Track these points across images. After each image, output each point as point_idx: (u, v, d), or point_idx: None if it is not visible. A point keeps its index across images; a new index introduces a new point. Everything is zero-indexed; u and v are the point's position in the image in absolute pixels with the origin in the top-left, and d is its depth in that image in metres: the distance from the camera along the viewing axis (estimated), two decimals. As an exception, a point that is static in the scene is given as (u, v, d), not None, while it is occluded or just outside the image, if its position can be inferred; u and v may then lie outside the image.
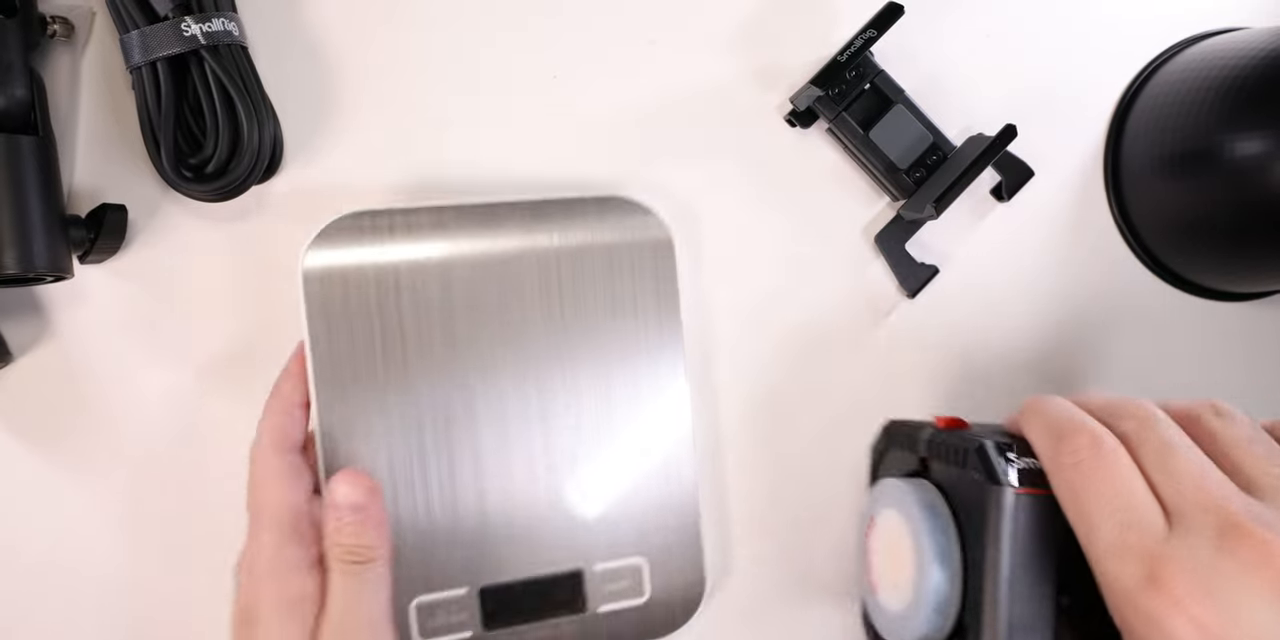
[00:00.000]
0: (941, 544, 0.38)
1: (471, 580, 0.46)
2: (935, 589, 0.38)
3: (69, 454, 0.48)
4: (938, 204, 0.48)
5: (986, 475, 0.37)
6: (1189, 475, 0.34)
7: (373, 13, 0.49)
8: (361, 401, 0.44)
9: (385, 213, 0.45)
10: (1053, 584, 0.36)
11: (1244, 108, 0.48)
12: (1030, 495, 0.36)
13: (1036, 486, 0.36)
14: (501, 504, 0.46)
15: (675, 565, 0.48)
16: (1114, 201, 0.53)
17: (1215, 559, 0.31)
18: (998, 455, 0.37)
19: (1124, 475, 0.34)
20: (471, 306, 0.45)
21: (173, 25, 0.43)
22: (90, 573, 0.48)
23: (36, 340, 0.47)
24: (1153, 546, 0.33)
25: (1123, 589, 0.33)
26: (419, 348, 0.45)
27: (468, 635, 0.46)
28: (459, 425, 0.45)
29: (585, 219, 0.46)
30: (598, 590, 0.47)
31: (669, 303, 0.47)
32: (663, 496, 0.47)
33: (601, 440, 0.47)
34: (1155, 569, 0.32)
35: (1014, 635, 0.36)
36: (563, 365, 0.46)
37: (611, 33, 0.50)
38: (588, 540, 0.47)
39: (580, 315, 0.46)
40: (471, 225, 0.45)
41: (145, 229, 0.48)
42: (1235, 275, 0.53)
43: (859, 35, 0.48)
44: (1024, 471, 0.36)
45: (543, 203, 0.46)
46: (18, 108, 0.43)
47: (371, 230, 0.45)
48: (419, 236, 0.45)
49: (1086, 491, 0.34)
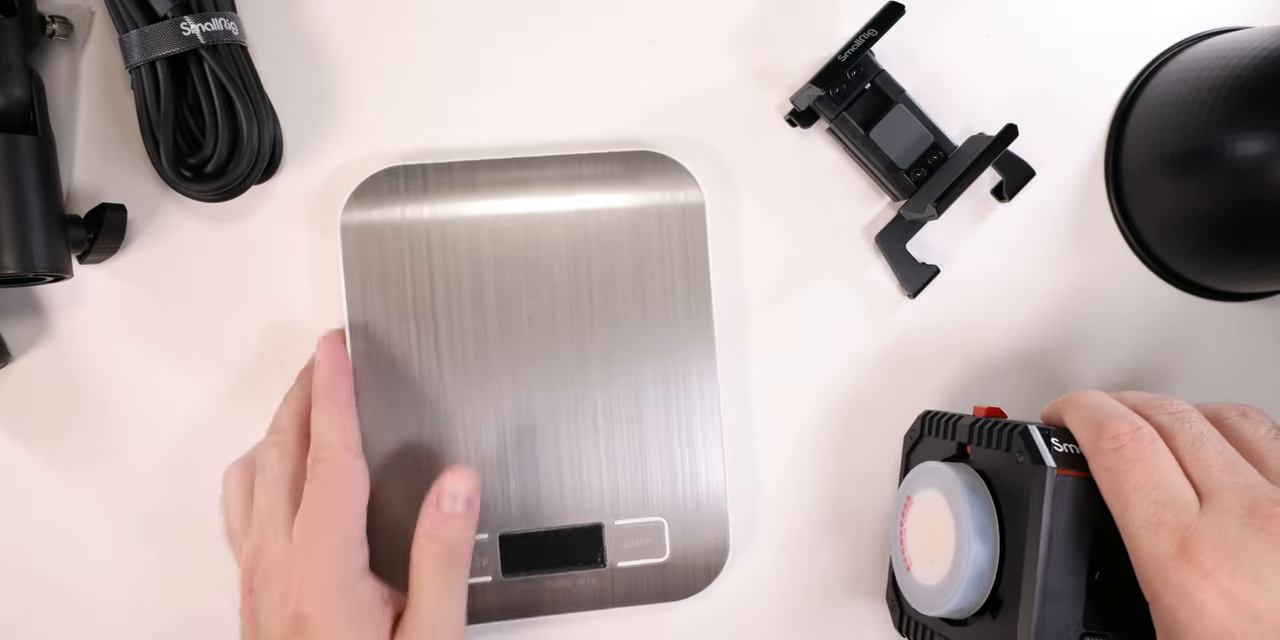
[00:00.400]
0: (983, 521, 0.41)
1: (493, 527, 0.47)
2: (975, 562, 0.41)
3: (68, 453, 0.48)
4: (938, 204, 0.48)
5: (1030, 456, 0.40)
6: (1220, 462, 0.37)
7: (372, 12, 0.49)
8: (394, 354, 0.46)
9: (419, 168, 0.46)
10: (1086, 560, 0.39)
11: (1245, 107, 0.47)
12: (1069, 476, 0.39)
13: (1074, 469, 0.39)
14: (527, 456, 0.47)
15: (698, 529, 0.48)
16: (1115, 201, 0.53)
17: (1244, 535, 0.34)
18: (1042, 439, 0.40)
19: (1160, 459, 0.37)
20: (500, 261, 0.46)
21: (172, 25, 0.43)
22: (90, 572, 0.48)
23: (36, 340, 0.47)
24: (1185, 523, 0.35)
25: (1155, 562, 0.35)
26: (449, 302, 0.46)
27: (487, 580, 0.47)
28: (487, 377, 0.46)
29: (615, 173, 0.48)
30: (617, 545, 0.48)
31: (699, 258, 0.48)
32: (690, 458, 0.48)
33: (629, 400, 0.47)
34: (1187, 543, 0.35)
35: (1047, 605, 0.38)
36: (593, 322, 0.47)
37: (611, 33, 0.50)
38: (611, 497, 0.47)
39: (609, 271, 0.47)
40: (503, 179, 0.47)
41: (144, 229, 0.48)
42: (1236, 275, 0.53)
43: (860, 35, 0.48)
44: (1062, 455, 0.39)
45: (575, 157, 0.47)
46: (17, 107, 0.43)
47: (406, 185, 0.46)
48: (452, 190, 0.46)
49: (1125, 473, 0.37)
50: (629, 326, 0.47)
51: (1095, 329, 0.53)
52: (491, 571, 0.47)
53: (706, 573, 0.49)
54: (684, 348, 0.48)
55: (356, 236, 0.46)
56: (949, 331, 0.52)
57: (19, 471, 0.47)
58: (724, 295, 0.50)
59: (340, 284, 0.46)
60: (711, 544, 0.48)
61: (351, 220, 0.46)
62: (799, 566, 0.52)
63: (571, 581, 0.48)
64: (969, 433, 0.44)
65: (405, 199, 0.46)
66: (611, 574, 0.48)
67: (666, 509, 0.48)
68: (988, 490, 0.42)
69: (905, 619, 0.48)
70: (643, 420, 0.48)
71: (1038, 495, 0.39)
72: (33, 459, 0.47)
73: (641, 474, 0.48)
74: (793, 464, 0.52)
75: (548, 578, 0.47)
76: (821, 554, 0.52)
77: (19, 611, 0.47)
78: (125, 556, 0.48)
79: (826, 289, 0.51)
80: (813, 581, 0.52)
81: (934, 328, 0.52)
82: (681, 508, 0.48)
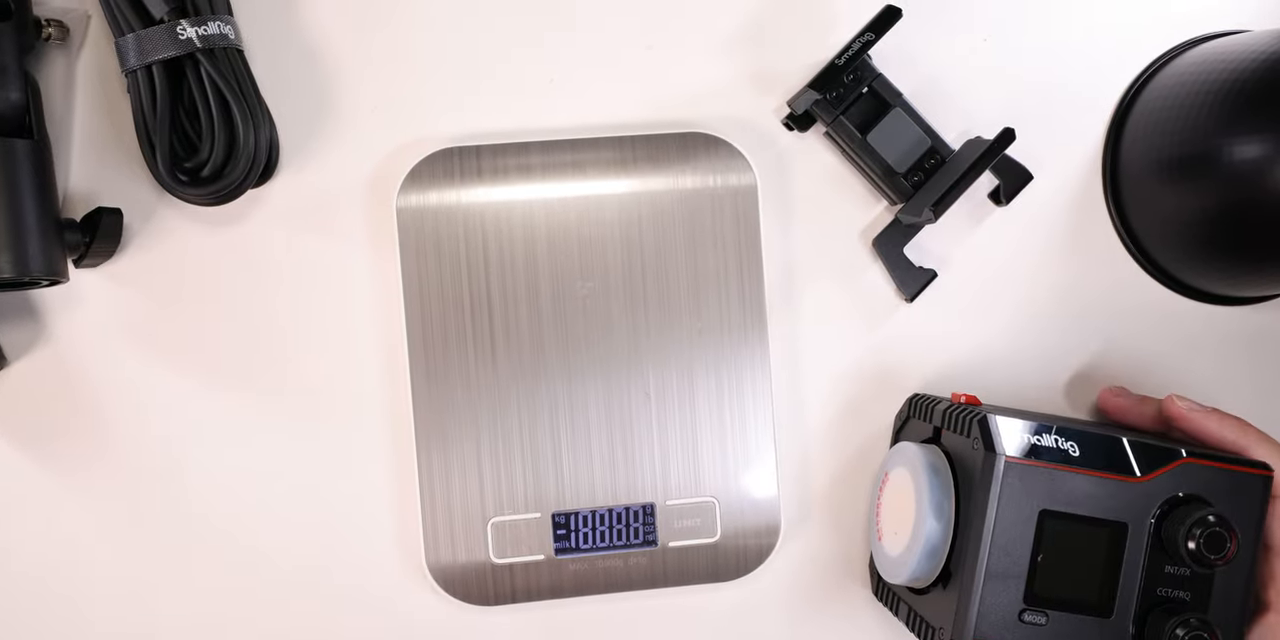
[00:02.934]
0: (939, 499, 0.44)
1: (546, 506, 0.47)
2: (929, 537, 0.44)
3: (64, 456, 0.48)
4: (936, 208, 0.48)
5: (985, 443, 0.42)
6: None
7: (368, 16, 0.49)
8: (449, 334, 0.47)
9: (473, 149, 0.47)
10: (1031, 543, 0.42)
11: (1243, 111, 0.47)
12: (1021, 465, 0.42)
13: (1040, 460, 0.42)
14: (580, 436, 0.47)
15: (750, 509, 0.49)
16: (1112, 205, 0.53)
17: None
18: (998, 428, 0.42)
19: None
20: (553, 242, 0.47)
21: (168, 28, 0.43)
22: (86, 575, 0.48)
23: (32, 344, 0.47)
24: None
25: None
26: (504, 283, 0.47)
27: (540, 558, 0.48)
28: (541, 359, 0.47)
29: (668, 155, 0.48)
30: (668, 525, 0.48)
31: (751, 239, 0.48)
32: (741, 439, 0.48)
33: (681, 380, 0.48)
34: None
35: (990, 582, 0.41)
36: (646, 304, 0.48)
37: (609, 37, 0.50)
38: (663, 477, 0.48)
39: (661, 253, 0.48)
40: (556, 161, 0.48)
41: (140, 233, 0.47)
42: (1233, 279, 0.52)
43: (857, 38, 0.48)
44: (1040, 448, 0.42)
45: (629, 139, 0.48)
46: (12, 111, 0.43)
47: (460, 167, 0.47)
48: (506, 173, 0.47)
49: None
50: (682, 308, 0.48)
51: (1092, 332, 0.53)
52: (544, 550, 0.48)
53: (758, 554, 0.49)
54: (736, 329, 0.48)
55: (412, 218, 0.47)
56: (946, 336, 0.52)
57: (14, 474, 0.47)
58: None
59: (396, 263, 0.47)
60: (763, 525, 0.49)
61: (406, 203, 0.47)
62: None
63: (623, 561, 0.48)
64: (942, 417, 0.46)
65: (460, 181, 0.47)
66: (663, 554, 0.48)
67: (718, 489, 0.48)
68: (950, 471, 0.45)
69: (879, 585, 0.51)
70: (694, 401, 0.48)
71: (985, 479, 0.42)
72: (28, 461, 0.47)
73: (693, 454, 0.48)
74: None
75: (599, 557, 0.48)
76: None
77: (16, 613, 0.47)
78: (121, 558, 0.48)
79: (824, 292, 0.51)
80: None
81: (931, 332, 0.52)
82: (733, 488, 0.48)
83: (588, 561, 0.48)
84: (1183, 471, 0.43)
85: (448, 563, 0.47)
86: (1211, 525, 0.41)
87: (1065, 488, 0.42)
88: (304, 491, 0.48)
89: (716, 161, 0.49)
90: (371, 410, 0.49)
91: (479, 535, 0.47)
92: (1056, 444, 0.42)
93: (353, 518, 0.49)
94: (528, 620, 0.50)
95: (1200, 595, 0.43)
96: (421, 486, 0.47)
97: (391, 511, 0.49)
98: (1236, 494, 0.43)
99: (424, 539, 0.47)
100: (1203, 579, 0.43)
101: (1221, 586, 0.43)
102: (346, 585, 0.49)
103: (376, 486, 0.49)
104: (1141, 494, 0.43)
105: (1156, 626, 0.42)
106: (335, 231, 0.48)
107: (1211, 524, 0.41)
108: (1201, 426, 0.46)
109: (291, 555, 0.48)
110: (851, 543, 0.52)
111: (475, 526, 0.47)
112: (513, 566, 0.48)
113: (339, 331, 0.48)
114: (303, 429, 0.48)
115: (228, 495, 0.48)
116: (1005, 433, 0.42)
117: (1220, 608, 0.43)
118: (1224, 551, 0.41)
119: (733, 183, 0.49)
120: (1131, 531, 0.42)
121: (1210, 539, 0.41)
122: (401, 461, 0.49)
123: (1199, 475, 0.43)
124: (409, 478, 0.48)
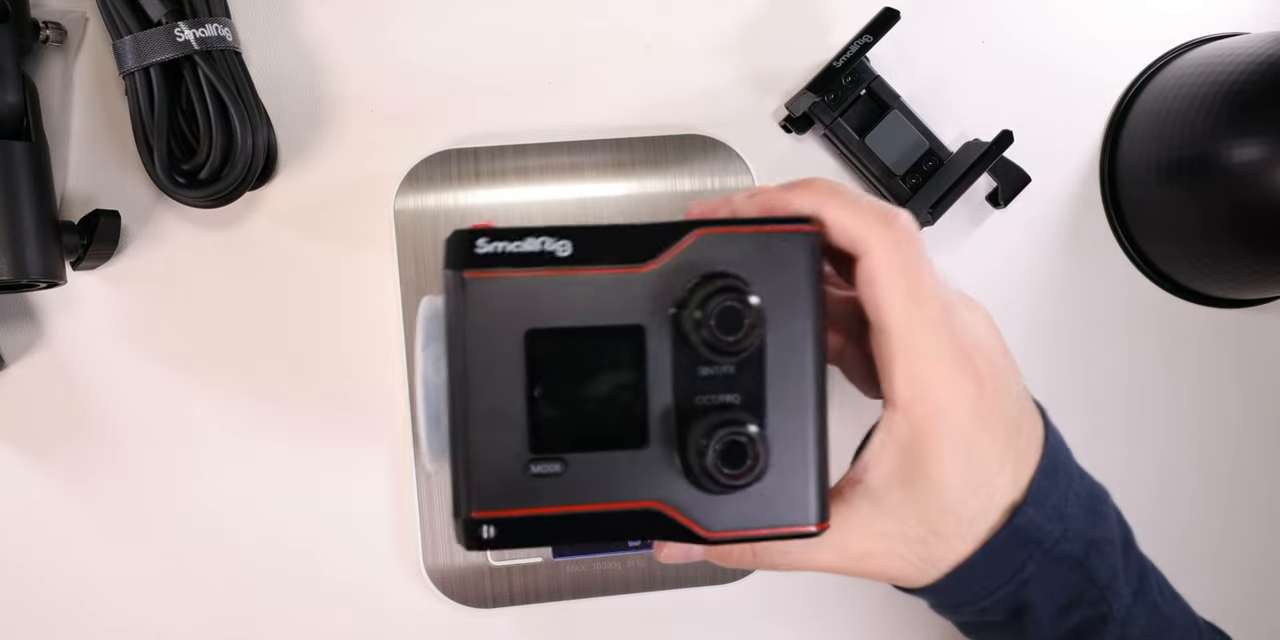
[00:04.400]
0: (437, 353, 0.34)
1: None
2: (426, 397, 0.34)
3: (62, 459, 0.47)
4: (933, 210, 0.48)
5: (445, 262, 0.33)
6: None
7: (366, 19, 0.49)
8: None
9: (470, 151, 0.47)
10: (522, 377, 0.32)
11: (1241, 113, 0.47)
12: (488, 279, 0.32)
13: (514, 268, 0.32)
14: None
15: None
16: (1110, 207, 0.53)
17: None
18: (463, 240, 0.32)
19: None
20: None
21: (166, 30, 0.43)
22: (84, 577, 0.48)
23: (29, 347, 0.47)
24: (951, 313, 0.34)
25: (938, 359, 0.34)
26: None
27: (537, 560, 0.48)
28: None
29: (666, 157, 0.48)
30: None
31: None
32: None
33: None
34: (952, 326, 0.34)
35: (478, 436, 0.32)
36: None
37: (607, 39, 0.50)
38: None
39: None
40: (554, 163, 0.48)
41: (138, 235, 0.47)
42: (1231, 281, 0.52)
43: (855, 40, 0.48)
44: (511, 256, 0.33)
45: (627, 141, 0.48)
46: (10, 113, 0.43)
47: (458, 169, 0.47)
48: (504, 175, 0.47)
49: (922, 269, 0.34)
50: None
51: (1090, 334, 0.53)
52: (541, 553, 0.48)
53: None
54: None
55: (409, 220, 0.47)
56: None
57: (13, 477, 0.47)
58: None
59: (394, 265, 0.47)
60: None
61: (404, 205, 0.47)
62: None
63: (621, 563, 0.48)
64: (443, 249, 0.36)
65: (457, 183, 0.47)
66: None
67: None
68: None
69: None
70: None
71: (450, 307, 0.32)
72: (26, 464, 0.47)
73: None
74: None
75: (597, 559, 0.48)
76: None
77: (15, 617, 0.47)
78: (121, 561, 0.48)
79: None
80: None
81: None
82: None
83: (585, 564, 0.48)
84: (701, 247, 0.33)
85: (445, 565, 0.47)
86: (720, 299, 0.31)
87: (557, 297, 0.32)
88: (302, 493, 0.48)
89: (715, 164, 0.49)
90: (369, 412, 0.49)
91: (476, 536, 0.47)
92: (542, 246, 0.32)
93: (350, 519, 0.49)
94: (525, 622, 0.50)
95: (753, 395, 0.33)
96: (419, 488, 0.47)
97: (389, 513, 0.49)
98: (776, 262, 0.33)
99: (421, 541, 0.47)
100: (749, 373, 0.33)
101: (778, 379, 0.33)
102: (344, 587, 0.49)
103: (374, 488, 0.49)
104: (655, 285, 0.33)
105: (697, 444, 0.32)
106: (333, 233, 0.48)
107: (720, 299, 0.31)
108: (773, 204, 0.35)
109: (289, 557, 0.48)
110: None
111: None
112: (510, 569, 0.48)
113: (337, 333, 0.48)
114: (300, 431, 0.48)
115: (225, 497, 0.48)
116: (473, 245, 0.32)
117: (779, 404, 0.33)
118: (740, 329, 0.31)
119: (731, 185, 0.48)
120: (651, 333, 0.33)
121: (723, 316, 0.31)
122: (399, 464, 0.48)
123: (722, 248, 0.33)
124: (406, 480, 0.48)
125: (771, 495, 0.33)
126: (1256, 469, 0.54)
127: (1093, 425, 0.53)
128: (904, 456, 0.35)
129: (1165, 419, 0.54)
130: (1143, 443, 0.54)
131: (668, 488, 0.33)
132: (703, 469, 0.32)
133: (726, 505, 0.33)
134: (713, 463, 0.32)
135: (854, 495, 0.35)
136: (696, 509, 0.33)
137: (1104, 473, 0.43)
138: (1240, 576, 0.54)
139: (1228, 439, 0.54)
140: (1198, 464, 0.54)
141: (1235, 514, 0.54)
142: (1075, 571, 0.37)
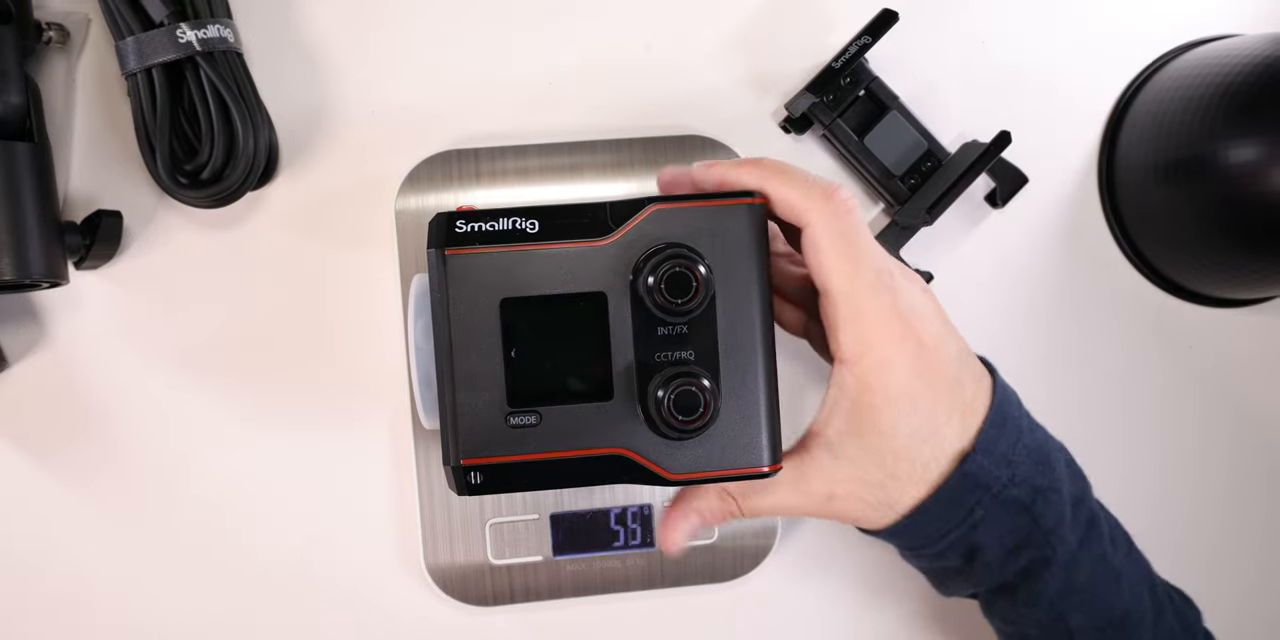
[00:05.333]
0: (426, 323, 0.39)
1: (544, 507, 0.48)
2: (418, 363, 0.40)
3: (64, 458, 0.48)
4: (932, 211, 0.49)
5: (429, 242, 0.37)
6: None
7: (367, 19, 0.49)
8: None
9: (471, 152, 0.48)
10: (499, 340, 0.37)
11: (1238, 114, 0.48)
12: (466, 255, 0.37)
13: (486, 245, 0.37)
14: None
15: None
16: (1108, 207, 0.53)
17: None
18: (442, 222, 0.37)
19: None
20: None
21: (168, 32, 0.43)
22: (86, 575, 0.48)
23: (32, 346, 0.47)
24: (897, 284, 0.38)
25: (879, 319, 0.37)
26: None
27: (538, 559, 0.48)
28: None
29: (665, 158, 0.49)
30: None
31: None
32: None
33: None
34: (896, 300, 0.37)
35: (464, 393, 0.37)
36: None
37: (607, 40, 0.50)
38: None
39: None
40: (554, 164, 0.48)
41: (140, 235, 0.48)
42: (1228, 281, 0.53)
43: (854, 41, 0.48)
44: (484, 234, 0.37)
45: (626, 142, 0.49)
46: (13, 114, 0.43)
47: (458, 169, 0.48)
48: (505, 175, 0.48)
49: (858, 235, 0.37)
50: None
51: (1088, 334, 0.53)
52: (542, 551, 0.48)
53: (754, 555, 0.49)
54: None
55: (411, 220, 0.47)
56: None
57: (15, 475, 0.47)
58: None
59: (395, 265, 0.47)
60: (760, 526, 0.49)
61: (405, 205, 0.47)
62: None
63: (621, 562, 0.49)
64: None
65: (458, 183, 0.47)
66: (660, 555, 0.49)
67: None
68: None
69: None
70: None
71: (434, 281, 0.37)
72: (30, 464, 0.47)
73: None
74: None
75: (597, 558, 0.48)
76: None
77: (17, 616, 0.47)
78: (121, 559, 0.48)
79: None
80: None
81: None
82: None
83: (585, 562, 0.48)
84: (655, 220, 0.37)
85: (446, 563, 0.47)
86: (669, 266, 0.36)
87: (527, 269, 0.37)
88: (304, 492, 0.49)
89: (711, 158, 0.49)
90: (370, 411, 0.49)
91: (477, 536, 0.47)
92: (514, 225, 0.37)
93: (351, 519, 0.49)
94: (526, 621, 0.50)
95: (706, 351, 0.38)
96: (420, 487, 0.47)
97: (390, 512, 0.49)
98: (723, 233, 0.37)
99: (423, 540, 0.47)
100: (702, 332, 0.38)
101: (729, 336, 0.38)
102: (345, 586, 0.49)
103: (376, 487, 0.49)
104: (614, 255, 0.37)
105: (655, 396, 0.37)
106: (334, 234, 0.49)
107: (669, 265, 0.36)
108: (725, 179, 0.39)
109: (290, 556, 0.49)
110: (849, 543, 0.52)
111: (474, 527, 0.47)
112: (511, 567, 0.48)
113: (338, 333, 0.49)
114: (302, 430, 0.49)
115: (227, 496, 0.48)
116: (453, 225, 0.37)
117: (730, 359, 0.38)
118: (689, 292, 0.36)
119: None
120: (612, 299, 0.37)
121: (671, 281, 0.36)
122: (401, 462, 0.49)
123: (674, 221, 0.37)
124: (408, 479, 0.48)
125: (727, 441, 0.38)
126: (1254, 467, 0.55)
127: (1090, 423, 0.53)
128: (854, 408, 0.38)
129: (1163, 417, 0.54)
130: (1140, 441, 0.54)
131: (632, 435, 0.37)
132: (660, 417, 0.36)
133: (686, 450, 0.38)
134: (668, 410, 0.36)
135: (815, 445, 0.39)
136: (658, 454, 0.38)
137: (1103, 472, 0.44)
138: (1239, 576, 0.55)
139: (1225, 437, 0.54)
140: (1196, 462, 0.54)
141: (1234, 513, 0.55)
142: (1022, 515, 0.40)
